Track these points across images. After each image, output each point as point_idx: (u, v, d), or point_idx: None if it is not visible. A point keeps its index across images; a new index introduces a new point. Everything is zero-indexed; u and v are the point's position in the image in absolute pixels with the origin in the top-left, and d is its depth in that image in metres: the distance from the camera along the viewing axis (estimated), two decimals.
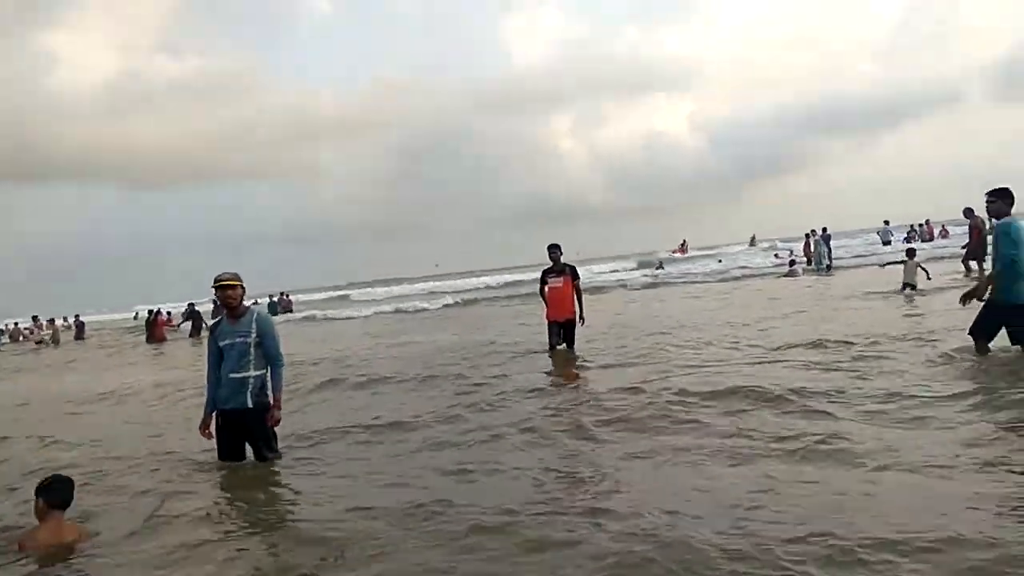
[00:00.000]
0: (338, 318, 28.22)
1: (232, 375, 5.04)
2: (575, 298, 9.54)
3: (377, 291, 44.88)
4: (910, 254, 14.30)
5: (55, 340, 29.25)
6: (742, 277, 25.72)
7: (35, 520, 3.88)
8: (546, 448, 5.05)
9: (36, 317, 31.14)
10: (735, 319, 11.87)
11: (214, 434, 5.21)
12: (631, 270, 37.43)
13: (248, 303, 5.27)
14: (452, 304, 29.05)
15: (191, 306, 26.32)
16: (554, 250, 9.58)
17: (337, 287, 58.16)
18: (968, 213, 15.50)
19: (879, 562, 2.78)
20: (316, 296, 46.87)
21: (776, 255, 33.82)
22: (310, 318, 28.85)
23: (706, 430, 5.05)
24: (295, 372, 9.35)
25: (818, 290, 17.27)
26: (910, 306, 11.80)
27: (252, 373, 5.06)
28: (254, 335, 5.06)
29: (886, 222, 32.55)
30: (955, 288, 11.79)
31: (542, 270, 9.91)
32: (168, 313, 28.69)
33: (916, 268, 13.86)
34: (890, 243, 30.36)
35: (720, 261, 34.85)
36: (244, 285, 5.14)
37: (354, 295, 44.44)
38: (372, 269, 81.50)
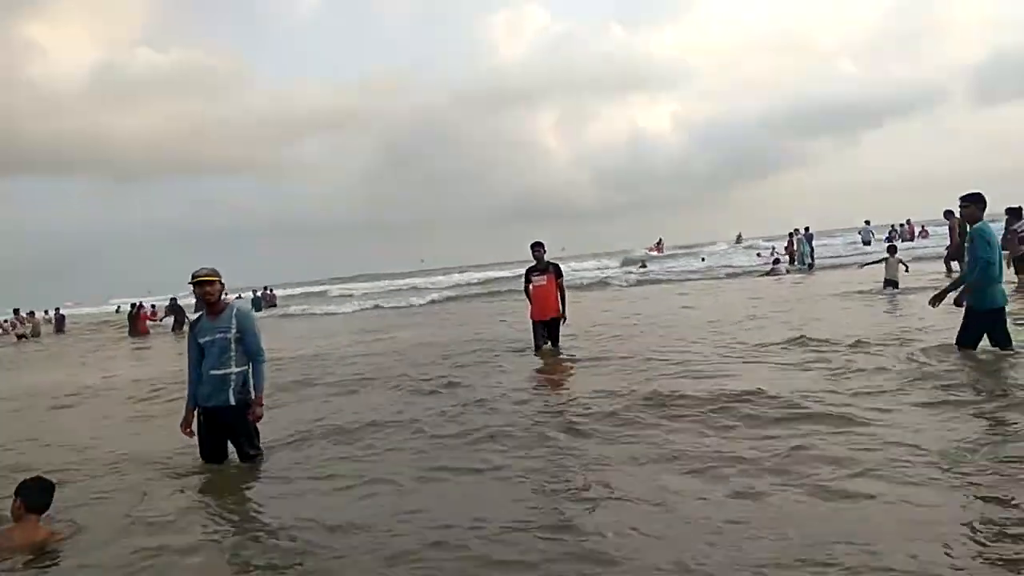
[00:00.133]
0: (320, 314, 28.10)
1: (213, 372, 4.95)
2: (559, 296, 9.48)
3: (361, 287, 44.67)
4: (891, 251, 14.53)
5: (35, 333, 28.94)
6: (726, 276, 25.90)
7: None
8: (525, 456, 4.86)
9: (17, 310, 30.64)
10: (718, 318, 11.94)
11: (195, 432, 5.13)
12: (615, 268, 37.49)
13: (232, 297, 5.17)
14: (438, 300, 29.05)
15: (173, 300, 26.07)
16: (537, 248, 9.52)
17: (319, 282, 57.79)
18: (948, 215, 15.71)
19: None
20: (298, 291, 46.62)
21: (759, 254, 34.08)
22: (292, 314, 28.67)
23: (680, 439, 4.88)
24: (271, 369, 9.16)
25: (801, 289, 17.42)
26: (892, 304, 11.94)
27: (234, 370, 4.97)
28: (234, 331, 4.97)
29: (867, 222, 32.84)
30: (937, 288, 11.90)
31: (526, 269, 9.84)
32: (152, 307, 28.37)
33: (897, 265, 14.14)
34: (870, 243, 30.63)
35: (703, 259, 35.03)
36: (223, 281, 5.05)
37: (337, 291, 44.17)
38: (355, 264, 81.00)
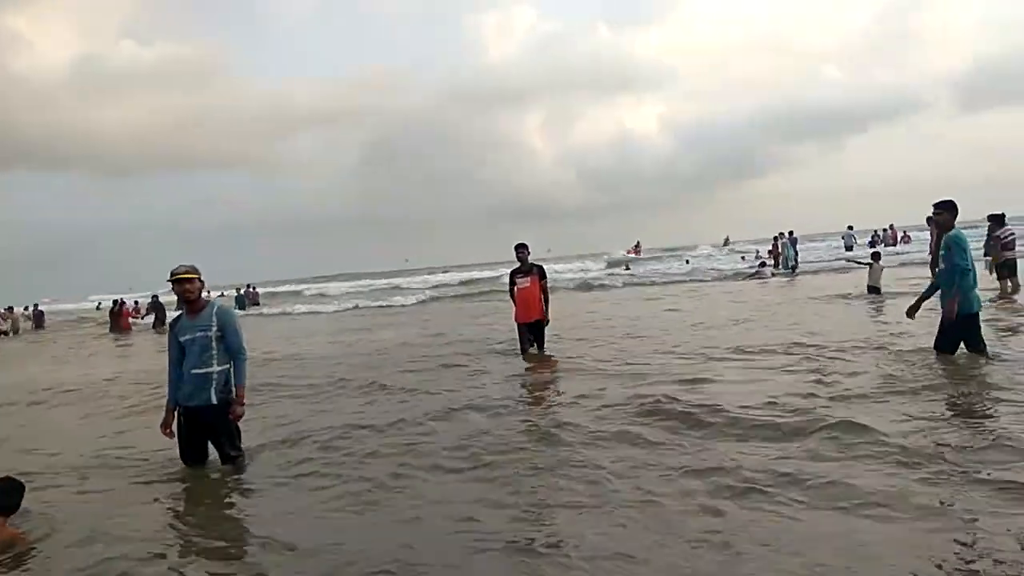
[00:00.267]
0: (303, 313, 27.92)
1: (194, 371, 4.85)
2: (543, 298, 9.37)
3: (346, 285, 44.46)
4: (875, 257, 14.69)
5: (15, 329, 28.66)
6: (710, 279, 26.00)
7: None
8: (487, 481, 4.44)
9: None
10: (702, 320, 12.00)
11: (175, 434, 5.02)
12: (601, 270, 37.61)
13: (214, 295, 5.07)
14: (425, 300, 28.97)
15: (155, 297, 25.86)
16: (521, 250, 9.41)
17: (304, 280, 57.45)
18: (931, 220, 15.85)
19: None
20: (282, 288, 46.31)
21: (743, 257, 34.35)
22: (275, 314, 28.45)
23: (658, 454, 4.66)
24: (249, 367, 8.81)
25: (785, 292, 17.55)
26: (874, 309, 12.08)
27: (215, 368, 4.88)
28: (215, 329, 4.87)
29: (850, 227, 33.13)
30: (916, 295, 12.05)
31: (510, 271, 9.75)
32: (136, 303, 28.10)
33: (881, 272, 14.31)
34: (852, 248, 30.95)
35: (688, 262, 35.23)
36: (202, 278, 4.96)
37: (321, 289, 43.91)
38: (341, 263, 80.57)
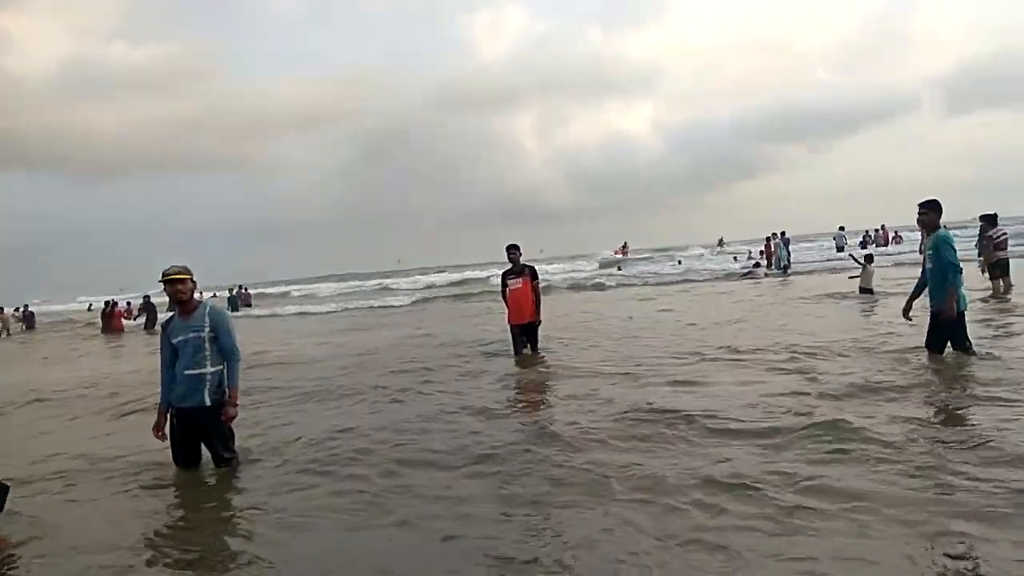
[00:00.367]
0: (294, 314, 27.82)
1: (187, 372, 4.84)
2: (535, 299, 9.28)
3: (337, 286, 44.40)
4: (868, 259, 14.94)
5: (6, 331, 28.50)
6: (704, 280, 26.10)
7: None
8: (479, 478, 4.37)
9: None
10: (696, 322, 12.01)
11: (168, 436, 4.98)
12: (593, 270, 37.72)
13: (207, 296, 5.04)
14: (418, 300, 28.99)
15: (147, 298, 25.75)
16: (513, 251, 9.30)
17: (295, 281, 57.28)
18: None
19: None
20: (272, 290, 46.20)
21: (735, 257, 34.54)
22: (266, 315, 28.31)
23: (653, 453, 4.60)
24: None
25: (778, 292, 17.67)
26: (867, 309, 12.21)
27: (209, 369, 4.86)
28: (208, 329, 4.87)
29: (841, 228, 33.42)
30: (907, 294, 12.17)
31: (502, 273, 9.67)
32: (128, 303, 27.99)
33: (873, 274, 14.65)
34: (843, 249, 31.18)
35: (680, 263, 35.34)
36: (194, 279, 4.95)
37: (313, 289, 43.85)
38: (333, 264, 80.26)
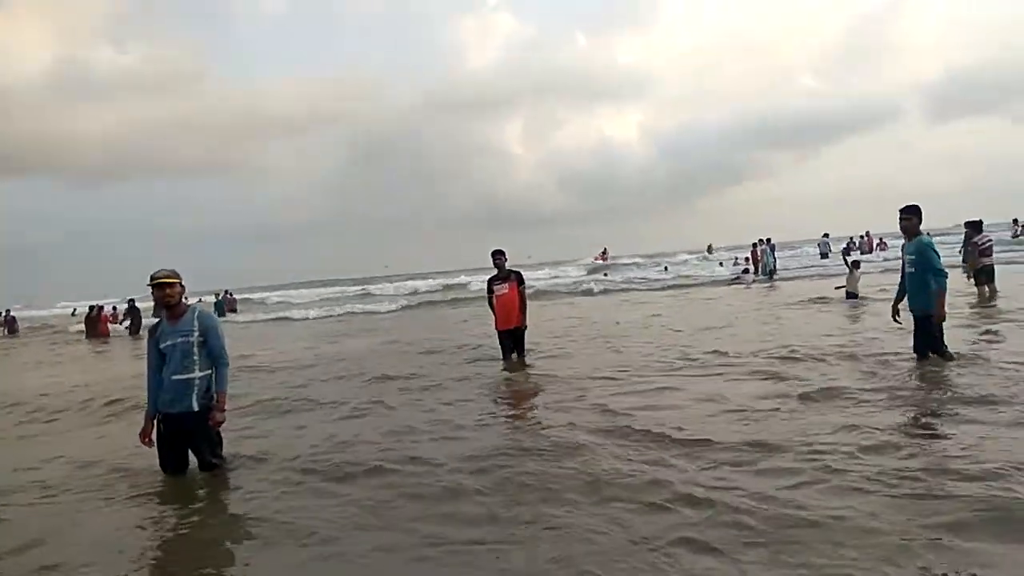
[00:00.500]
0: (279, 319, 27.62)
1: (176, 377, 4.78)
2: (521, 304, 9.19)
3: (323, 291, 44.22)
4: (855, 266, 15.22)
5: None
6: (691, 285, 26.23)
7: None
8: (463, 495, 4.19)
9: None
10: (682, 329, 12.04)
11: (155, 443, 4.90)
12: (580, 276, 37.86)
13: (193, 301, 5.02)
14: (405, 306, 28.89)
15: (131, 302, 25.51)
16: (498, 256, 9.17)
17: (278, 286, 56.99)
18: None
19: None
20: (257, 295, 45.90)
21: (720, 264, 34.83)
22: (250, 321, 27.98)
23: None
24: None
25: (766, 298, 17.76)
26: (852, 314, 12.36)
27: (197, 374, 4.81)
28: (197, 334, 4.81)
29: (826, 235, 33.73)
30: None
31: (488, 279, 9.58)
32: (114, 308, 27.70)
33: (859, 279, 14.90)
34: (827, 256, 31.52)
35: (666, 269, 35.52)
36: (183, 283, 4.90)
37: (299, 295, 43.65)
38: (318, 268, 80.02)
